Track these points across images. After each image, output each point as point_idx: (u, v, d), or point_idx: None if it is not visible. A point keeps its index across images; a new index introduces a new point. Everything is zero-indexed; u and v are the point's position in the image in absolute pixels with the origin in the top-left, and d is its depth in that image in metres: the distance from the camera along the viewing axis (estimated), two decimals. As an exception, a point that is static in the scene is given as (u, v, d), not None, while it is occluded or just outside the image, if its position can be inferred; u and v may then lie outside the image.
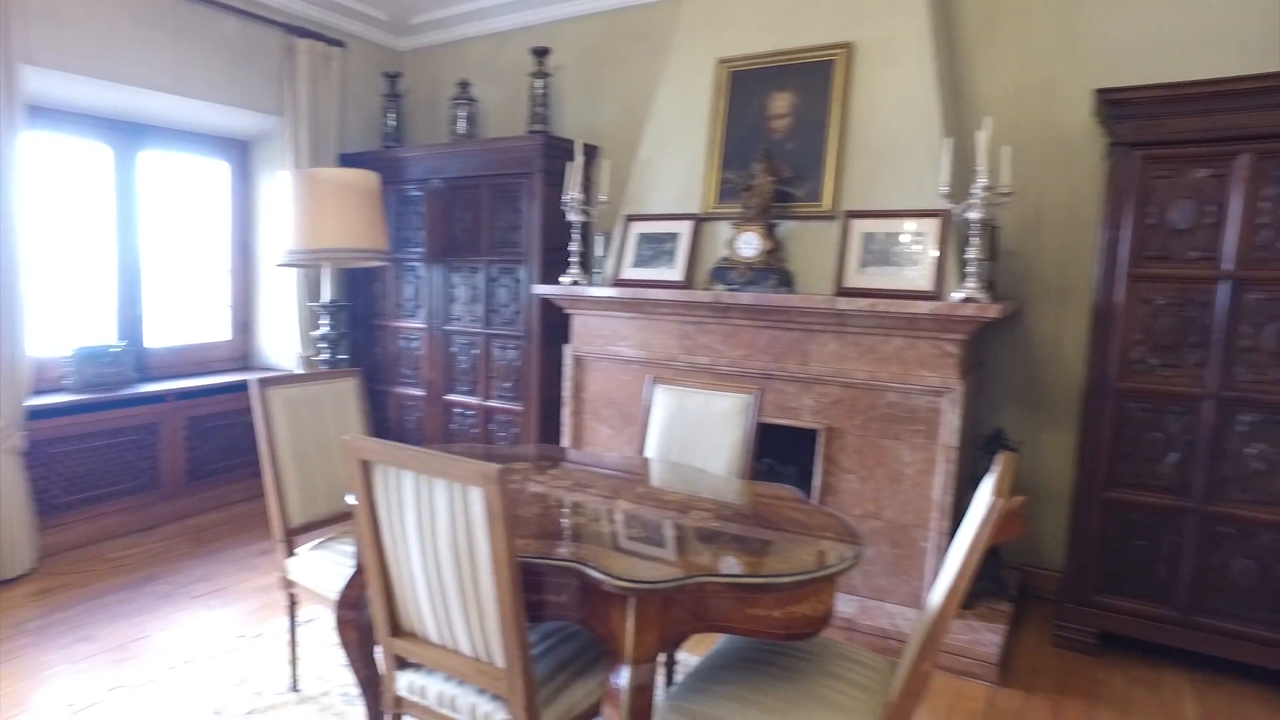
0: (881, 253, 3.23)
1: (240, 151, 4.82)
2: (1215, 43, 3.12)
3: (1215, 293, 2.76)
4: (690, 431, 2.71)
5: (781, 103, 3.58)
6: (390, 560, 1.77)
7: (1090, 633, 3.00)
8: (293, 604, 2.61)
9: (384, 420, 4.93)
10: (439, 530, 1.64)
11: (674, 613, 1.64)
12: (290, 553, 2.58)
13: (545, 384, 4.29)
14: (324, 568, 2.48)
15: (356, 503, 1.74)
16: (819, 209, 3.41)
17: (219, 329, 4.84)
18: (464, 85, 4.71)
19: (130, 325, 4.33)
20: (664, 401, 2.80)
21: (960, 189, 3.05)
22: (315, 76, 4.56)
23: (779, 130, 3.57)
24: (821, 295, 3.20)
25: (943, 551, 2.99)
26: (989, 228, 3.13)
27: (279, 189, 3.94)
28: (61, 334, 4.04)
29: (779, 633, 1.65)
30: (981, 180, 2.86)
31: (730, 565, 1.67)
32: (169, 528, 4.11)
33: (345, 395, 2.90)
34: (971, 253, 2.93)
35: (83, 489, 3.84)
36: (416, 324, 4.75)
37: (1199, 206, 2.77)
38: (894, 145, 3.28)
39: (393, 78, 4.96)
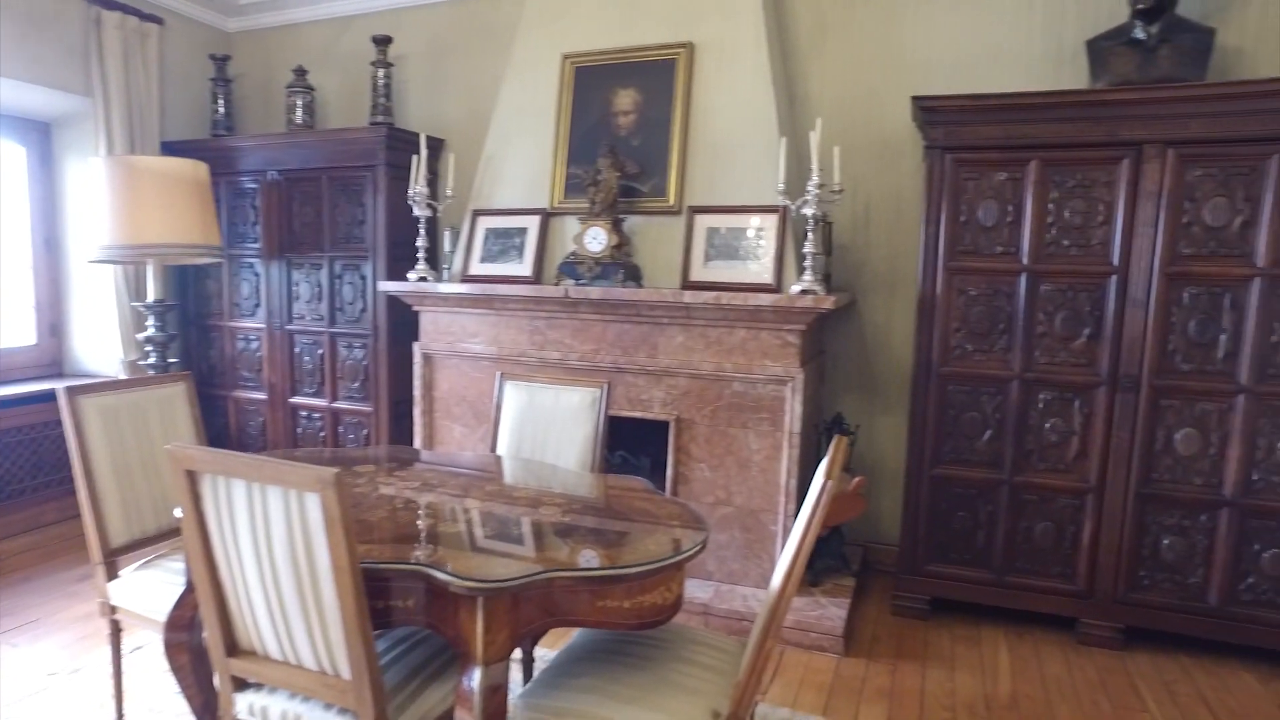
0: (725, 247, 3.35)
1: (40, 134, 4.36)
2: (1008, 60, 3.46)
3: (1017, 284, 3.06)
4: (541, 427, 2.72)
5: (626, 99, 3.63)
6: (224, 575, 1.68)
7: (923, 600, 3.27)
8: (116, 631, 2.41)
9: (223, 427, 4.62)
10: (275, 540, 1.57)
11: (524, 610, 1.65)
12: (112, 575, 2.38)
13: (395, 383, 4.16)
14: (152, 588, 2.30)
15: (184, 512, 1.63)
16: (664, 204, 3.50)
17: (22, 332, 4.36)
18: (301, 72, 4.47)
19: (-91, 332, 3.82)
20: (514, 398, 2.79)
21: (796, 186, 3.21)
22: (128, 55, 4.19)
23: (624, 126, 3.63)
24: (669, 289, 3.28)
25: (790, 533, 3.16)
26: (823, 223, 3.32)
27: (91, 178, 3.60)
28: None
29: (631, 623, 1.69)
30: (815, 178, 3.03)
31: (580, 559, 1.70)
32: (-35, 557, 3.68)
33: (174, 402, 2.70)
34: (808, 247, 3.10)
35: None
36: (256, 324, 4.48)
37: (1001, 206, 3.06)
38: (734, 143, 3.41)
39: (221, 61, 4.64)
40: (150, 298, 3.87)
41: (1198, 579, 2.93)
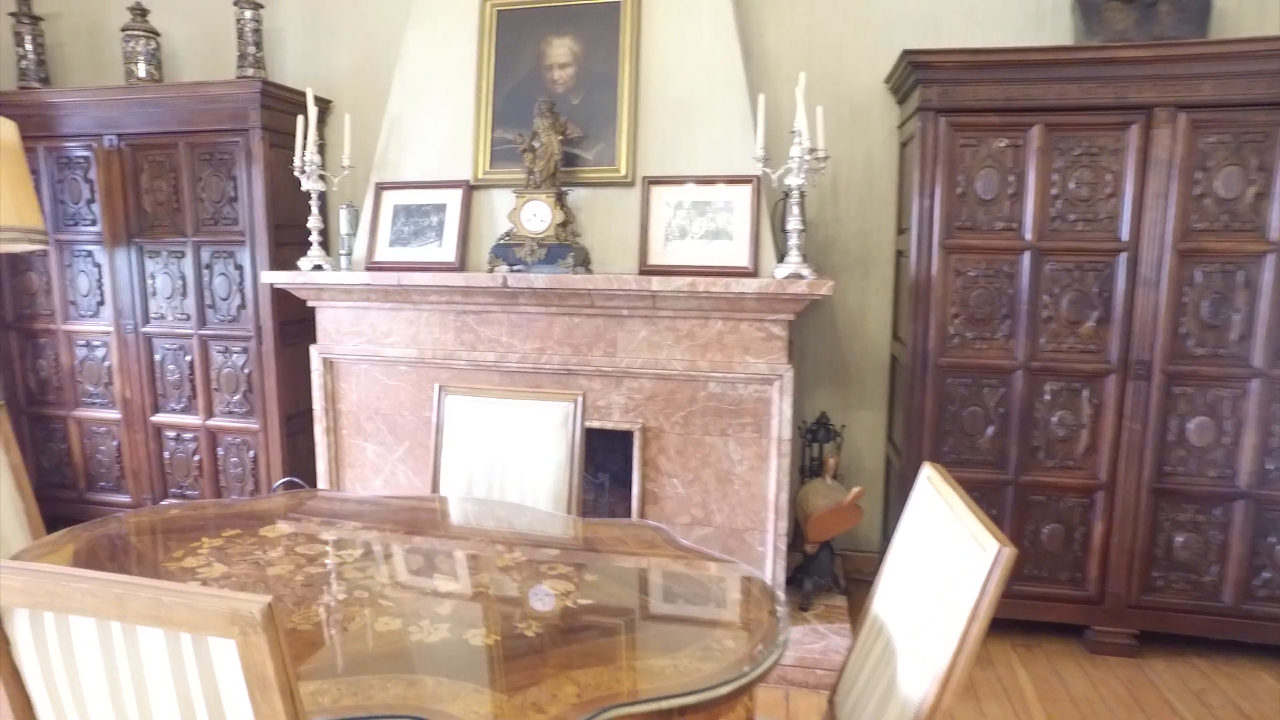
0: (690, 225, 2.88)
1: None
2: (984, 17, 3.12)
3: (1020, 264, 2.74)
4: (499, 455, 2.17)
5: (562, 50, 3.07)
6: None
7: (921, 616, 2.94)
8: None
9: (65, 454, 3.75)
10: (157, 708, 0.99)
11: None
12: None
13: (288, 394, 3.45)
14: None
15: None
16: (614, 175, 2.98)
17: None
18: (140, 12, 3.61)
19: None
20: (460, 417, 2.23)
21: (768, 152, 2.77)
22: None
23: (561, 82, 3.07)
24: (629, 275, 2.78)
25: (781, 555, 2.75)
26: (801, 196, 2.90)
27: None
28: None
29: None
30: (803, 142, 2.59)
31: (643, 677, 1.19)
32: None
33: (-21, 447, 1.97)
34: (793, 223, 2.68)
35: None
36: (100, 326, 3.63)
37: (1001, 176, 2.73)
38: (695, 103, 2.93)
39: (28, -6, 3.70)
40: (-51, 298, 3.00)
41: (1212, 577, 2.73)
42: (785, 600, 1.48)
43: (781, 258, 2.74)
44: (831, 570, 3.00)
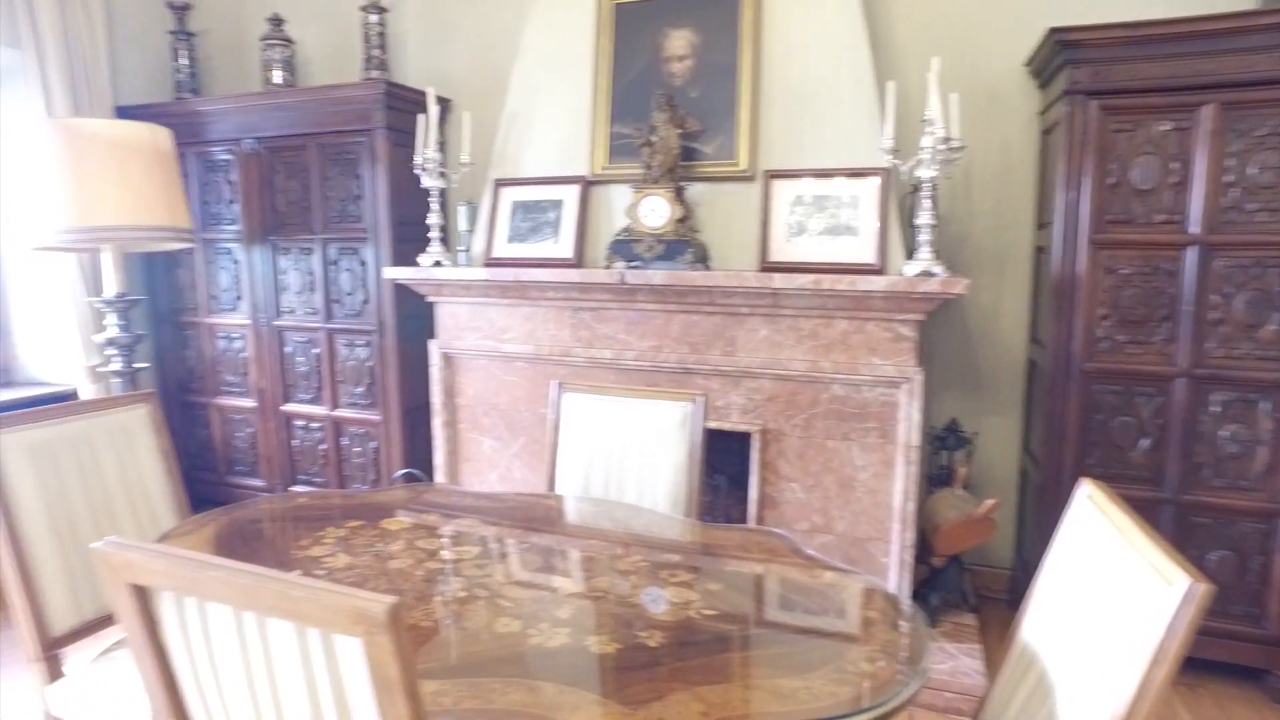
0: (810, 220, 2.75)
1: (-28, 101, 3.66)
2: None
3: (1183, 260, 2.48)
4: (616, 455, 2.12)
5: (679, 41, 3.01)
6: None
7: (1063, 643, 2.71)
8: (63, 749, 1.81)
9: (207, 439, 3.99)
10: (285, 694, 0.98)
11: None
12: (55, 675, 1.77)
13: (407, 387, 3.53)
14: (114, 693, 1.70)
15: (130, 642, 1.04)
16: (733, 169, 2.89)
17: (-42, 336, 3.69)
18: (277, 22, 3.79)
19: None
20: (577, 415, 2.19)
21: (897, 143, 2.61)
22: (65, 1, 3.48)
23: (678, 74, 3.01)
24: (751, 272, 2.69)
25: (907, 567, 2.59)
26: (933, 189, 2.73)
27: (28, 146, 2.93)
28: None
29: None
30: (937, 131, 2.43)
31: (769, 694, 1.11)
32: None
33: (132, 432, 2.09)
34: (924, 218, 2.52)
35: None
36: (239, 319, 3.83)
37: (1163, 164, 2.48)
38: (819, 93, 2.80)
39: (180, 10, 3.94)
40: (109, 291, 3.22)
41: None
42: (920, 619, 1.35)
43: (910, 254, 2.58)
44: (960, 586, 2.81)
